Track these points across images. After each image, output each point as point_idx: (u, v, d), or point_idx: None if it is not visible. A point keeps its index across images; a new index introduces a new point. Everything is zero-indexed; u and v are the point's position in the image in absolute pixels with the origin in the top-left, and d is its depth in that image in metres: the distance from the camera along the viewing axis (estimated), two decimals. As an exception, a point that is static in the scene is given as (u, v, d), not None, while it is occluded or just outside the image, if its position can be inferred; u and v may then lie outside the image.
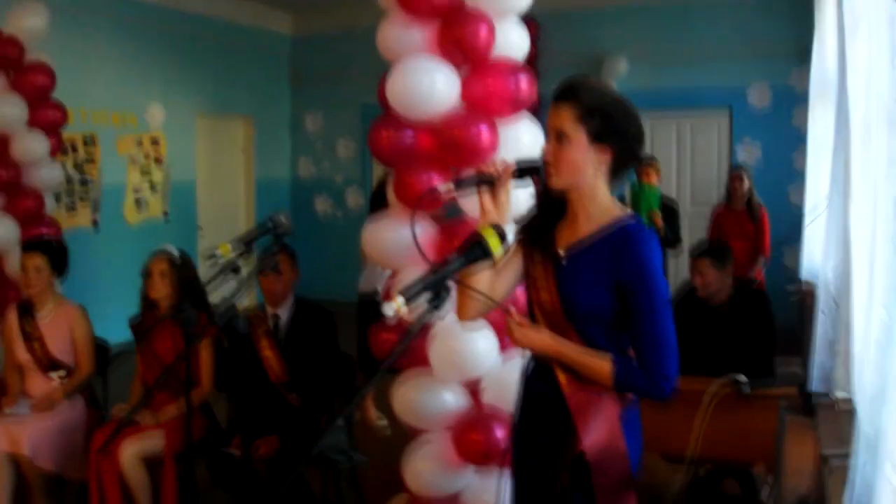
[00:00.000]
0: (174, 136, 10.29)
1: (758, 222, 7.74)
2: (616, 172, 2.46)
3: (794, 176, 9.27)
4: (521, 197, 2.62)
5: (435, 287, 1.91)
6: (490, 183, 2.39)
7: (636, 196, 7.65)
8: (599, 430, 2.42)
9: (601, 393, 2.42)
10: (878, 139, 2.30)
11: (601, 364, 2.36)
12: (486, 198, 2.40)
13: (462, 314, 2.59)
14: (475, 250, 2.08)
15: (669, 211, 7.84)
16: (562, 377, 2.45)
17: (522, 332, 2.43)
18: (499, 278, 2.55)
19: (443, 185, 2.31)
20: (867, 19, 2.63)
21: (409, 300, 1.82)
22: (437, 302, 1.90)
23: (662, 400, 2.37)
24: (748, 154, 9.98)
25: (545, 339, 2.42)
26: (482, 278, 2.48)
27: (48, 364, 4.76)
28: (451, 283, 1.97)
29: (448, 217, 4.15)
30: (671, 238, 7.68)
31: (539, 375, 2.54)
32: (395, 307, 1.79)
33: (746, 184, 7.78)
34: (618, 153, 2.42)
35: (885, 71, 2.23)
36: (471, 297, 2.49)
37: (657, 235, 6.86)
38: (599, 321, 2.42)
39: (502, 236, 2.12)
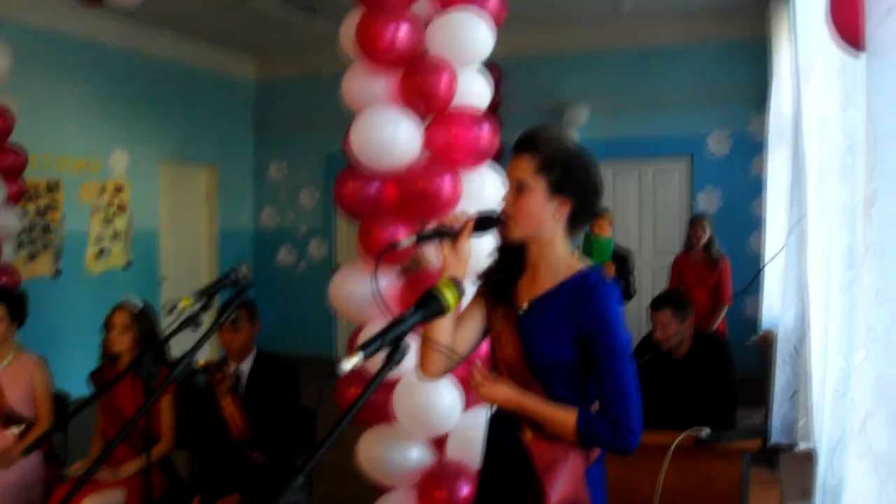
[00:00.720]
0: (137, 184, 10.17)
1: (719, 271, 7.67)
2: (574, 224, 2.47)
3: (754, 224, 9.35)
4: (483, 249, 2.61)
5: (393, 342, 1.89)
6: (451, 235, 2.37)
7: (588, 247, 7.62)
8: (565, 486, 2.39)
9: (567, 449, 2.40)
10: (832, 188, 2.32)
11: (566, 418, 2.34)
12: (448, 250, 2.39)
13: (425, 370, 2.55)
14: (432, 305, 2.06)
15: (622, 261, 7.82)
16: (527, 433, 2.43)
17: (488, 387, 2.41)
18: (462, 332, 2.53)
19: (404, 240, 2.30)
20: (821, 68, 2.67)
21: (367, 356, 1.80)
22: (395, 357, 1.88)
23: (626, 453, 2.35)
24: (709, 202, 10.06)
25: (510, 393, 2.40)
26: (445, 332, 2.45)
27: (6, 417, 4.65)
28: (410, 338, 1.95)
29: (413, 269, 4.14)
30: (623, 289, 7.52)
31: (504, 430, 2.52)
32: (353, 363, 1.76)
33: (707, 232, 7.75)
34: (576, 205, 2.43)
35: (837, 120, 2.26)
36: (434, 352, 2.47)
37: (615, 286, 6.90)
38: (563, 374, 2.41)
39: (459, 290, 2.10)
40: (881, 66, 1.48)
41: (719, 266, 7.68)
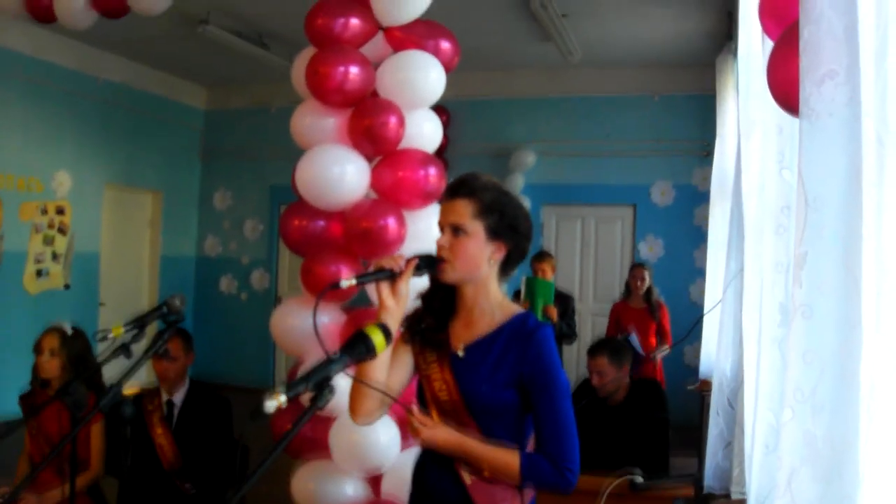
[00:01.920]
0: (80, 206, 10.03)
1: (659, 318, 7.76)
2: (507, 267, 2.52)
3: (695, 273, 9.48)
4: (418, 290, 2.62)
5: (318, 386, 1.88)
6: (391, 277, 2.37)
7: (531, 289, 7.57)
8: None
9: (505, 490, 2.42)
10: (767, 245, 2.37)
11: (507, 459, 2.36)
12: (386, 292, 2.38)
13: (356, 416, 2.53)
14: (359, 348, 2.06)
15: (565, 303, 7.80)
16: (466, 477, 2.43)
17: (428, 431, 2.41)
18: (391, 376, 2.53)
19: (344, 280, 2.28)
20: (760, 127, 2.72)
21: (290, 398, 1.79)
22: (320, 401, 1.87)
23: (566, 492, 2.37)
24: (651, 251, 10.16)
25: (451, 436, 2.41)
26: (378, 375, 2.44)
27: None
28: (339, 380, 1.94)
29: (356, 306, 4.15)
30: (566, 331, 7.58)
31: (437, 473, 2.51)
32: (276, 404, 1.75)
33: (647, 281, 7.84)
34: (511, 249, 2.48)
35: (774, 180, 2.31)
36: (366, 397, 2.46)
37: (552, 329, 6.92)
38: (502, 416, 2.43)
39: (387, 334, 2.10)
40: (813, 131, 1.51)
41: (659, 315, 7.76)
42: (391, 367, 2.53)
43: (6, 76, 8.96)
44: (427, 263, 2.43)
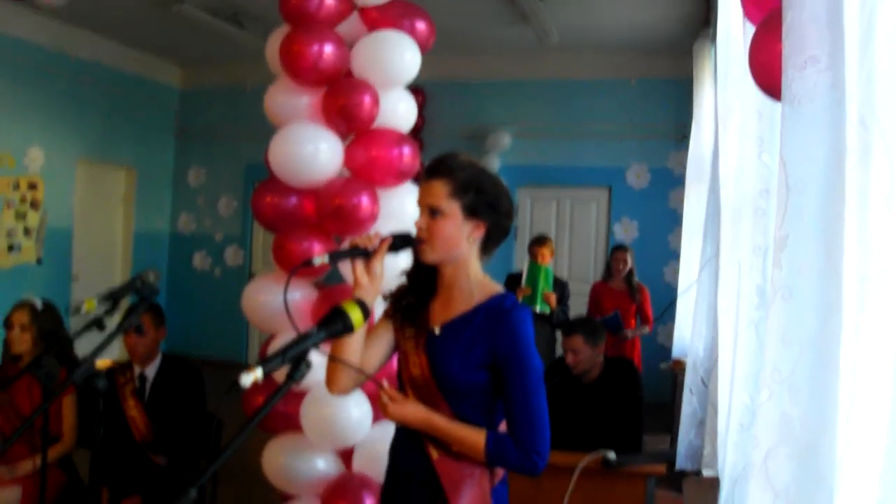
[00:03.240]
0: (53, 181, 9.95)
1: (639, 301, 7.75)
2: (487, 247, 2.52)
3: (669, 256, 9.55)
4: (397, 268, 2.63)
5: (294, 360, 1.88)
6: (366, 255, 2.38)
7: (533, 275, 7.47)
8: (473, 502, 2.42)
9: (474, 468, 2.43)
10: (745, 228, 2.39)
11: (474, 438, 2.38)
12: (360, 270, 2.38)
13: (332, 387, 2.55)
14: (336, 324, 2.06)
15: (561, 288, 7.72)
16: (433, 451, 2.45)
17: (396, 407, 2.42)
18: (370, 351, 2.54)
19: (317, 257, 2.28)
20: (739, 112, 2.74)
21: (266, 372, 1.79)
22: (295, 375, 1.88)
23: (534, 475, 2.38)
24: (626, 233, 10.20)
25: (418, 413, 2.42)
26: (354, 351, 2.46)
27: None
28: (312, 356, 1.94)
29: (328, 283, 4.14)
30: (562, 318, 7.46)
31: (408, 448, 2.53)
32: (252, 378, 1.76)
33: (629, 263, 7.81)
34: (490, 228, 2.47)
35: (753, 164, 2.33)
36: (341, 369, 2.48)
37: (550, 316, 6.79)
38: (472, 396, 2.44)
39: (365, 310, 2.11)
40: (796, 116, 1.52)
41: (639, 297, 7.76)
42: (371, 342, 2.55)
43: (-22, 52, 8.87)
44: (403, 242, 2.43)
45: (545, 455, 2.37)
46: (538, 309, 7.30)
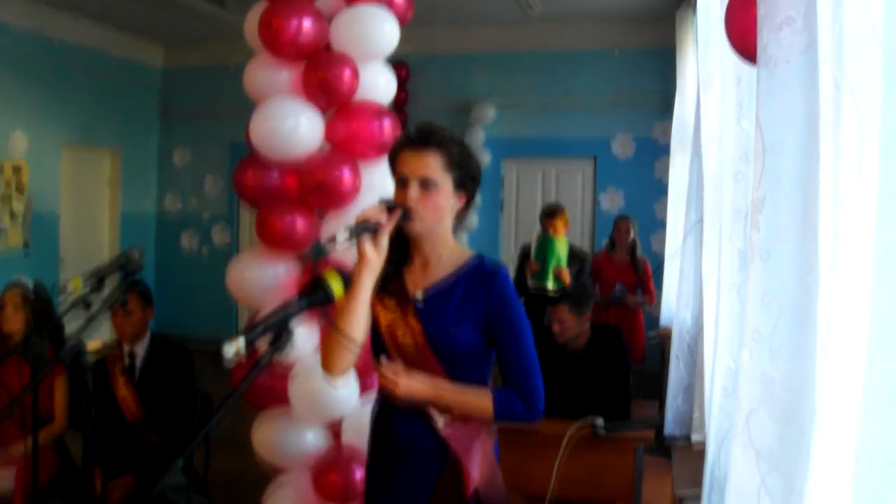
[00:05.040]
0: (38, 166, 9.91)
1: (641, 273, 7.69)
2: (461, 217, 2.57)
3: (656, 225, 9.57)
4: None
5: (276, 328, 1.89)
6: (374, 230, 2.35)
7: (543, 249, 6.92)
8: (482, 465, 2.49)
9: (477, 429, 2.49)
10: (726, 193, 2.40)
11: (481, 399, 2.46)
12: (369, 245, 2.35)
13: (334, 368, 2.48)
14: (317, 294, 2.07)
15: (579, 262, 7.22)
16: (438, 420, 2.47)
17: (405, 382, 2.42)
18: None
19: (339, 235, 2.23)
20: (719, 78, 2.75)
21: (249, 341, 1.80)
22: (278, 344, 1.89)
23: (532, 423, 2.51)
24: (611, 203, 10.23)
25: (425, 382, 2.45)
26: (364, 329, 2.42)
27: None
28: (293, 325, 1.95)
29: (313, 256, 4.14)
30: (584, 293, 6.87)
31: (407, 420, 2.53)
32: (235, 348, 1.76)
33: (631, 234, 7.75)
34: (469, 199, 2.53)
35: (732, 129, 2.34)
36: (345, 351, 2.42)
37: (563, 292, 6.44)
38: (468, 358, 2.49)
39: (346, 280, 2.11)
40: (771, 78, 1.53)
41: (642, 269, 7.73)
42: None
43: (-42, 36, 8.80)
44: (404, 214, 2.41)
45: (542, 401, 2.48)
46: (550, 286, 6.81)
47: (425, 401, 2.46)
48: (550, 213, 7.07)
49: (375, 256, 2.36)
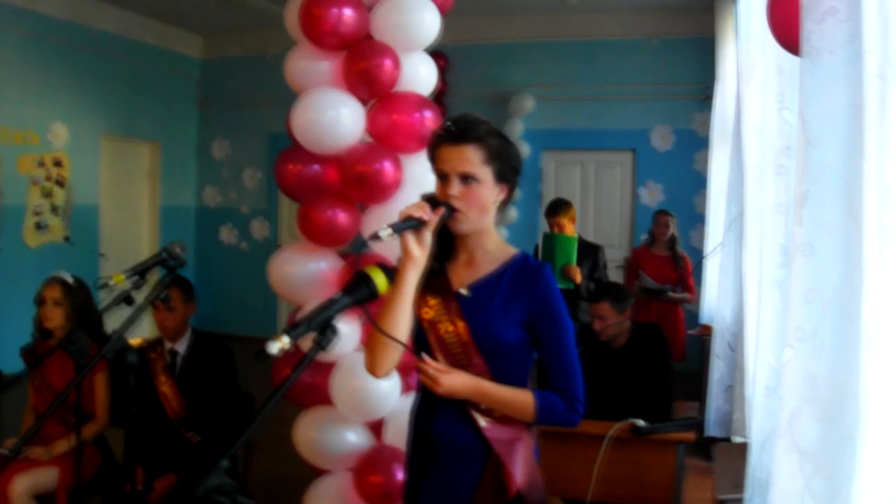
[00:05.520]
0: (78, 158, 9.97)
1: (682, 269, 7.59)
2: (502, 208, 2.52)
3: (695, 219, 9.47)
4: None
5: (321, 327, 1.88)
6: (418, 225, 2.32)
7: (549, 248, 6.55)
8: (524, 466, 2.45)
9: (520, 430, 2.46)
10: (768, 187, 2.36)
11: (523, 398, 2.42)
12: (413, 241, 2.32)
13: (378, 369, 2.47)
14: (361, 290, 2.05)
15: (593, 254, 6.80)
16: (480, 419, 2.45)
17: (447, 378, 2.39)
18: None
19: (382, 231, 2.20)
20: (761, 69, 2.70)
21: (293, 339, 1.78)
22: (322, 342, 1.87)
23: (574, 425, 2.45)
24: (651, 196, 10.13)
25: (467, 381, 2.41)
26: (406, 329, 2.40)
27: (-65, 392, 4.57)
28: (339, 325, 1.93)
29: (355, 252, 4.13)
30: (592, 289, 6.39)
31: (449, 418, 2.50)
32: (279, 346, 1.75)
33: (671, 228, 7.70)
34: (510, 191, 2.48)
35: (774, 121, 2.29)
36: (388, 350, 2.41)
37: (575, 292, 6.31)
38: (510, 355, 2.45)
39: (389, 275, 2.09)
40: (814, 70, 1.50)
41: (682, 266, 7.63)
42: None
43: (0, 29, 8.88)
44: (450, 210, 2.38)
45: (584, 403, 2.44)
46: (560, 287, 6.34)
47: (467, 399, 2.44)
48: (553, 210, 6.71)
49: (420, 252, 2.34)
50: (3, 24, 8.89)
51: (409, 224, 2.30)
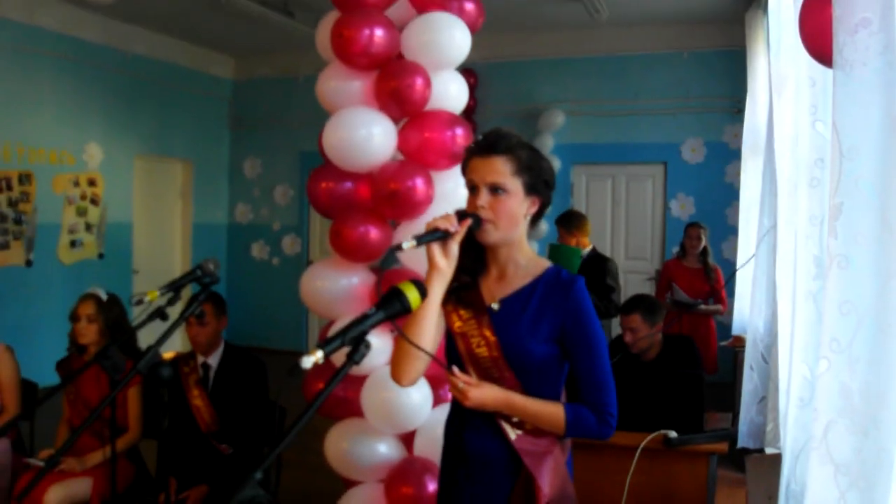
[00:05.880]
0: (112, 177, 10.14)
1: (714, 281, 7.56)
2: (535, 222, 2.52)
3: (728, 231, 9.43)
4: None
5: (354, 341, 1.89)
6: (444, 237, 2.34)
7: (554, 259, 6.43)
8: (554, 479, 2.44)
9: (551, 443, 2.46)
10: (801, 198, 2.35)
11: (553, 411, 2.40)
12: (438, 252, 2.35)
13: (403, 378, 2.49)
14: (394, 305, 2.06)
15: (598, 266, 6.63)
16: (510, 431, 2.45)
17: (476, 391, 2.39)
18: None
19: (405, 242, 2.22)
20: (793, 80, 2.69)
21: (327, 354, 1.79)
22: (356, 357, 1.88)
23: (606, 438, 2.42)
24: (682, 209, 10.10)
25: (497, 394, 2.41)
26: (429, 338, 2.41)
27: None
28: (372, 338, 1.94)
29: (385, 267, 4.15)
30: (604, 305, 6.41)
31: (479, 432, 2.51)
32: (313, 360, 1.76)
33: (703, 241, 7.65)
34: (542, 203, 2.47)
35: (807, 132, 2.29)
36: (413, 359, 2.43)
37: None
38: (541, 370, 2.44)
39: (422, 291, 2.10)
40: (848, 81, 1.50)
41: (714, 278, 7.59)
42: None
43: (37, 53, 9.08)
44: (476, 222, 2.40)
45: (616, 417, 2.41)
46: None
47: (496, 411, 2.44)
48: (567, 224, 6.79)
49: (445, 264, 2.35)
50: (41, 49, 9.09)
51: (434, 236, 2.32)
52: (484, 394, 2.40)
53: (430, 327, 2.40)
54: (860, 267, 1.47)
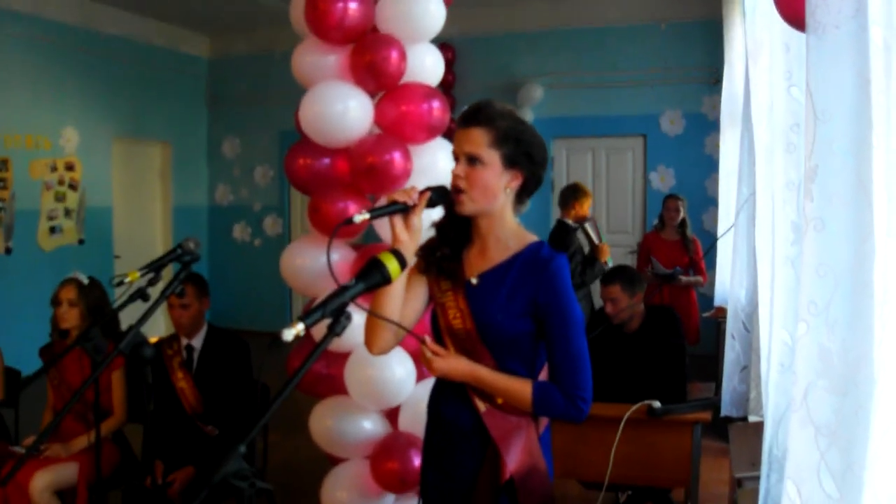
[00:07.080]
0: (90, 161, 10.07)
1: (693, 253, 7.62)
2: (521, 197, 2.50)
3: (708, 202, 9.47)
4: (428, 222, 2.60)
5: (335, 313, 1.88)
6: (404, 210, 2.35)
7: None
8: (522, 454, 2.44)
9: (520, 418, 2.45)
10: (778, 165, 2.35)
11: (520, 389, 2.39)
12: (400, 225, 2.36)
13: (372, 347, 2.53)
14: (374, 275, 2.05)
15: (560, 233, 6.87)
16: (480, 404, 2.46)
17: (440, 361, 2.41)
18: (407, 306, 2.52)
19: (357, 215, 2.24)
20: (768, 47, 2.69)
21: (308, 326, 1.79)
22: (337, 328, 1.88)
23: (578, 422, 2.40)
24: (662, 181, 10.14)
25: (463, 366, 2.42)
26: (395, 307, 2.44)
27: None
28: (354, 314, 1.94)
29: (333, 236, 4.15)
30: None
31: (453, 402, 2.53)
32: (295, 332, 1.76)
33: (681, 213, 7.70)
34: (527, 178, 2.45)
35: (782, 98, 2.29)
36: (381, 329, 2.47)
37: (602, 269, 6.35)
38: (514, 345, 2.44)
39: (401, 261, 2.10)
40: (820, 45, 1.50)
41: (692, 249, 7.65)
42: (406, 300, 2.52)
43: (8, 35, 8.97)
44: (440, 196, 2.40)
45: (589, 401, 2.38)
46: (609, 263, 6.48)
47: (465, 382, 2.45)
48: (570, 196, 6.96)
49: (407, 237, 2.36)
50: (11, 31, 8.99)
51: (389, 209, 2.33)
52: (449, 364, 2.42)
53: (394, 297, 2.41)
54: (836, 229, 1.48)
